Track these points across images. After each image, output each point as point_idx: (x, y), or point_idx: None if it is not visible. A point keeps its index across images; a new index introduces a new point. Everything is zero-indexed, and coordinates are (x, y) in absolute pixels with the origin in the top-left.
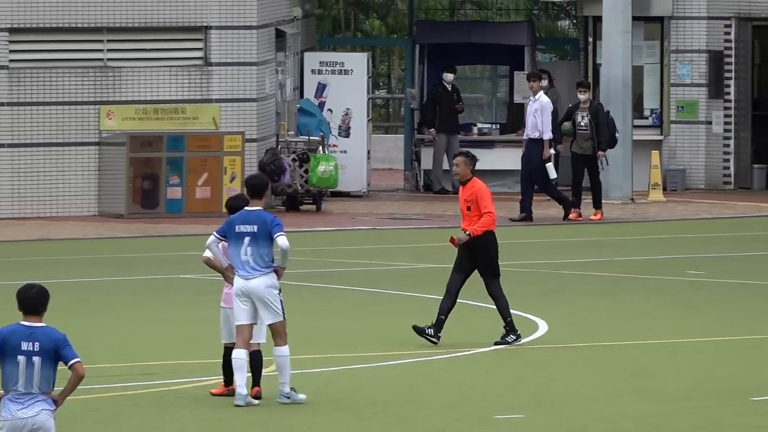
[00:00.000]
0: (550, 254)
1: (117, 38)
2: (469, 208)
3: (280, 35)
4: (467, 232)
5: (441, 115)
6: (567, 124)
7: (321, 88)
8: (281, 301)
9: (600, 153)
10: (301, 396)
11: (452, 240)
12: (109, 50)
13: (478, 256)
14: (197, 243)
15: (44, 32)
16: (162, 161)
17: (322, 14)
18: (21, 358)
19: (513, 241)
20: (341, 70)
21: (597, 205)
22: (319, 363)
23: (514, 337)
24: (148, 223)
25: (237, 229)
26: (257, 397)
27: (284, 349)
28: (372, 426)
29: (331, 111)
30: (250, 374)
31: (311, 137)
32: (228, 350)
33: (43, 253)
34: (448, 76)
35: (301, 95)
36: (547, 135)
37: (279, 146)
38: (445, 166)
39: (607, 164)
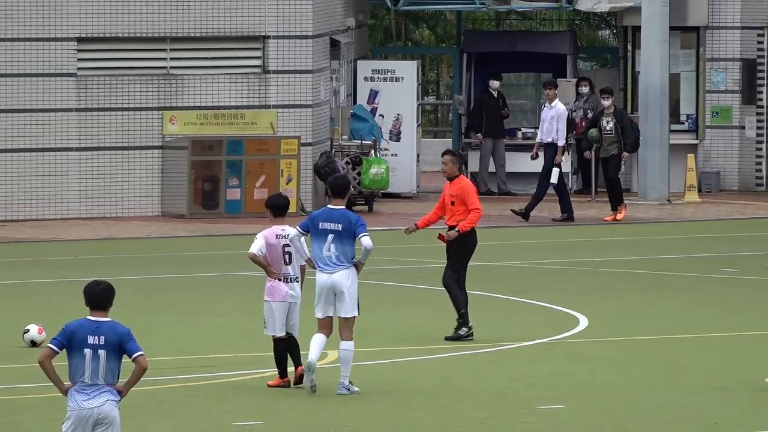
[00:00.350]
0: (589, 253)
1: (179, 47)
2: (453, 203)
3: (334, 44)
4: (456, 228)
5: (487, 120)
6: (593, 131)
7: (373, 95)
8: (358, 297)
9: (625, 154)
10: (356, 389)
11: (441, 237)
12: (172, 59)
13: (451, 244)
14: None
15: (110, 42)
16: (222, 164)
17: (374, 24)
18: (87, 351)
19: (555, 240)
20: (392, 77)
21: (615, 205)
22: (371, 356)
23: (466, 330)
24: (209, 223)
25: (320, 226)
26: (301, 376)
27: (350, 344)
28: (420, 416)
29: (383, 116)
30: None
31: (364, 141)
32: (277, 343)
33: (108, 252)
34: (495, 83)
35: (354, 101)
36: (561, 142)
37: (333, 150)
38: (491, 169)
39: (631, 165)
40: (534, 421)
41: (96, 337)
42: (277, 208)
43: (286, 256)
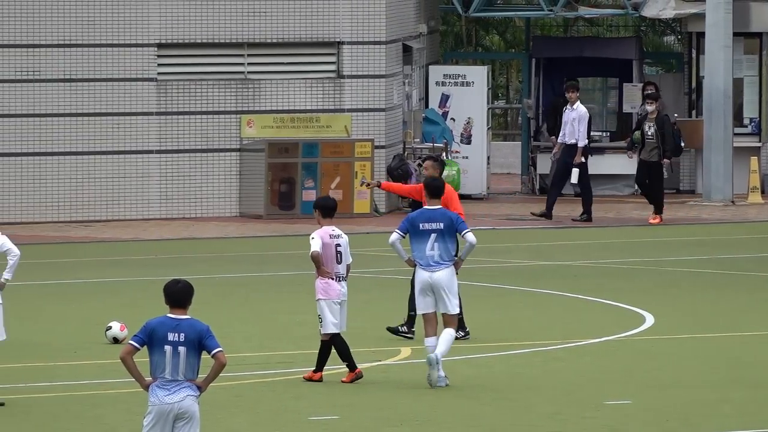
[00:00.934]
0: (654, 252)
1: (257, 53)
2: None
3: (407, 50)
4: None
5: (561, 123)
6: (636, 134)
7: (444, 99)
8: (459, 294)
9: (665, 161)
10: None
11: None
12: (249, 64)
13: None
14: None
15: (190, 47)
16: (298, 166)
17: (445, 30)
18: (168, 348)
19: (621, 240)
20: (463, 82)
21: (658, 209)
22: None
23: (460, 333)
24: (285, 223)
25: (421, 227)
26: (357, 378)
27: (452, 330)
28: (490, 411)
29: (454, 120)
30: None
31: (435, 144)
32: (335, 338)
33: (188, 251)
34: None
35: (426, 105)
36: (582, 143)
37: (405, 152)
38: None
39: (672, 171)
40: (601, 416)
41: (176, 334)
42: (326, 209)
43: (338, 255)
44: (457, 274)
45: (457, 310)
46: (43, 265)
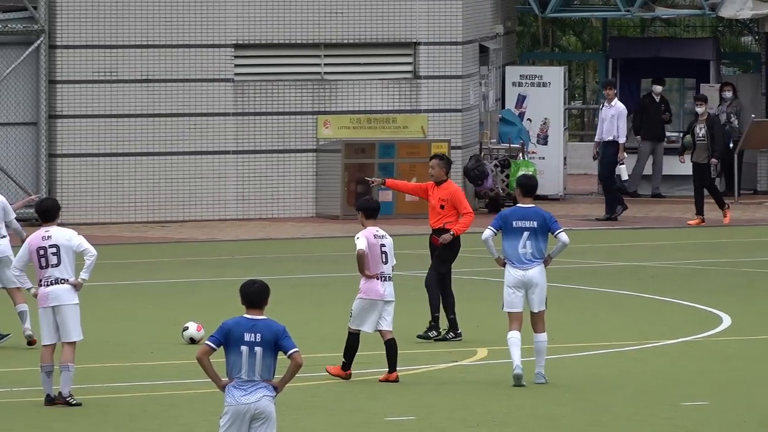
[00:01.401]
0: (731, 253)
1: (333, 53)
2: (442, 207)
3: (483, 50)
4: (451, 232)
5: (647, 123)
6: (687, 137)
7: (521, 99)
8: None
9: (713, 160)
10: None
11: (434, 239)
12: (326, 64)
13: (436, 248)
14: (406, 242)
15: (266, 48)
16: (374, 167)
17: (522, 31)
18: (244, 349)
19: (697, 241)
20: (540, 82)
21: (721, 206)
22: (522, 354)
23: (435, 334)
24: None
25: (514, 225)
26: (395, 380)
27: (544, 335)
28: (567, 412)
29: (531, 120)
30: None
31: (512, 145)
32: (353, 336)
33: (264, 252)
34: (657, 88)
35: (503, 106)
36: (622, 139)
37: (482, 153)
38: (647, 171)
39: (718, 171)
40: (678, 416)
41: (252, 335)
42: (370, 210)
43: (383, 256)
44: None
45: (545, 307)
46: (120, 266)
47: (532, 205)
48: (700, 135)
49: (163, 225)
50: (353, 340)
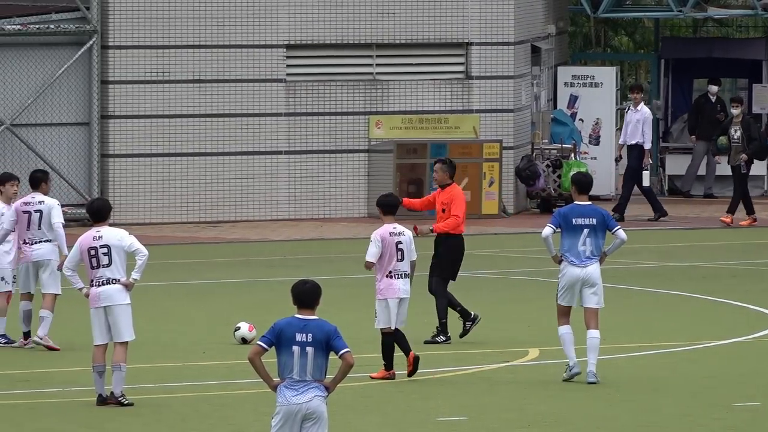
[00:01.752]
0: None
1: (385, 54)
2: (444, 211)
3: (535, 50)
4: (430, 227)
5: (702, 123)
6: (722, 139)
7: (573, 100)
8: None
9: (743, 156)
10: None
11: (415, 228)
12: (377, 65)
13: (439, 254)
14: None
15: (318, 48)
16: (426, 167)
17: (574, 31)
18: (295, 349)
19: (749, 242)
20: (592, 83)
21: (731, 210)
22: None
23: (444, 338)
24: (428, 223)
25: (574, 222)
26: (415, 359)
27: (597, 333)
28: (618, 412)
29: (582, 121)
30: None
31: (564, 145)
32: (387, 336)
33: (316, 252)
34: (713, 88)
35: (555, 106)
36: (648, 145)
37: (534, 153)
38: (701, 171)
39: (745, 169)
40: (730, 417)
41: (304, 335)
42: (388, 206)
43: (399, 253)
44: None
45: (602, 305)
46: (172, 266)
47: (589, 203)
48: (735, 137)
49: (215, 225)
50: (388, 339)
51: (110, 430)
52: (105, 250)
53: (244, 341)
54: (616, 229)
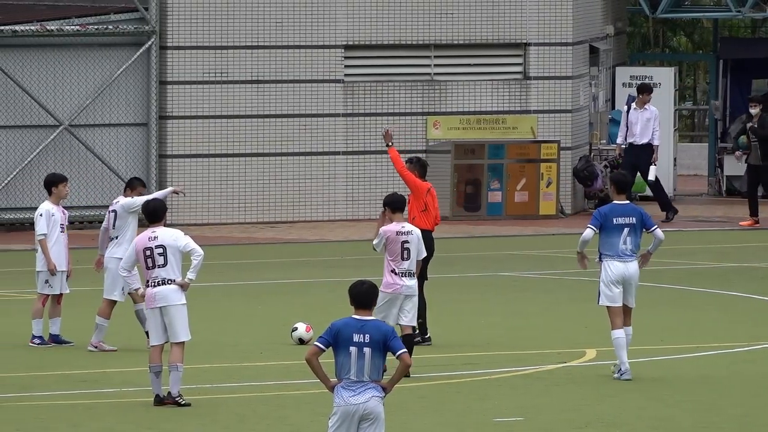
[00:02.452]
0: None
1: (443, 54)
2: (423, 211)
3: (593, 51)
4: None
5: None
6: (743, 138)
7: (631, 100)
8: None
9: (737, 153)
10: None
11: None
12: (435, 65)
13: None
14: (516, 243)
15: (376, 49)
16: (484, 167)
17: (632, 32)
18: (353, 349)
19: None
20: (650, 83)
21: (753, 212)
22: (632, 355)
23: (420, 339)
24: (471, 224)
25: (614, 221)
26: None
27: (630, 329)
28: (676, 413)
29: None
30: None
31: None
32: None
33: (374, 252)
34: None
35: (613, 106)
36: (657, 142)
37: (592, 154)
38: None
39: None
40: None
41: (361, 335)
42: (395, 204)
43: (405, 252)
44: (641, 267)
45: (634, 302)
46: (230, 266)
47: (628, 202)
48: (753, 136)
49: (273, 226)
50: None
51: (167, 431)
52: (160, 250)
53: (301, 342)
54: (653, 228)
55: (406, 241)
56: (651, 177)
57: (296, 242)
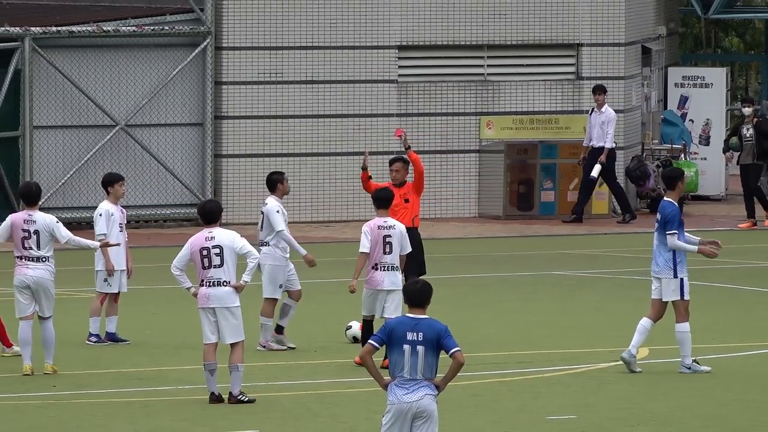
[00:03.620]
0: None
1: (496, 54)
2: (407, 201)
3: (645, 51)
4: (408, 145)
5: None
6: (734, 139)
7: (683, 100)
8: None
9: (727, 155)
10: (704, 368)
11: (398, 132)
12: (489, 65)
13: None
14: (569, 243)
15: (430, 49)
16: (536, 167)
17: (685, 32)
18: (406, 347)
19: None
20: (702, 83)
21: (750, 214)
22: (678, 353)
23: None
24: (523, 224)
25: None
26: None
27: (685, 326)
28: (729, 411)
29: (693, 121)
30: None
31: (674, 145)
32: (366, 322)
33: (427, 251)
34: None
35: (665, 107)
36: (609, 144)
37: (644, 153)
38: None
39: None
40: None
41: (415, 334)
42: (380, 200)
43: (387, 246)
44: None
45: (681, 296)
46: None
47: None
48: (747, 135)
49: (327, 225)
50: (366, 326)
51: (223, 428)
52: (217, 250)
53: (355, 340)
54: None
55: (388, 236)
56: (594, 174)
57: (351, 241)
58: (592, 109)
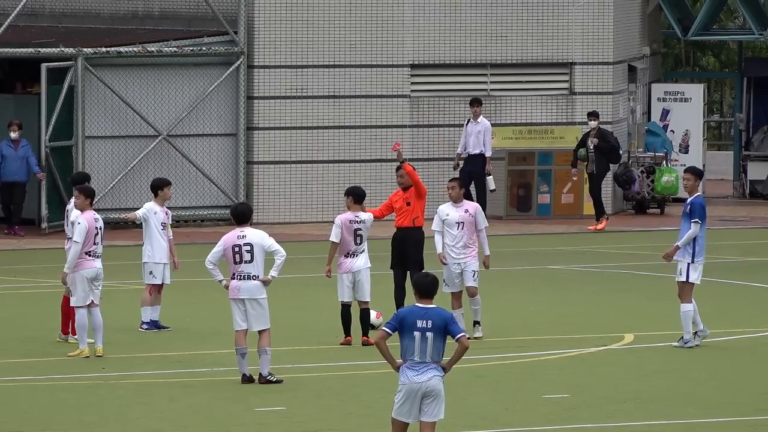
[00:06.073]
0: None
1: (498, 72)
2: (408, 203)
3: (632, 69)
4: (403, 158)
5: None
6: (582, 151)
7: (665, 113)
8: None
9: (574, 170)
10: (695, 342)
11: (396, 146)
12: (491, 82)
13: (407, 250)
14: (563, 240)
15: (439, 67)
16: (534, 173)
17: (666, 52)
18: (416, 334)
19: None
20: (682, 98)
21: (599, 216)
22: (665, 339)
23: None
24: (522, 223)
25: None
26: (365, 343)
27: (687, 305)
28: (704, 390)
29: (673, 132)
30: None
31: (656, 153)
32: (344, 308)
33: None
34: None
35: (649, 119)
36: (488, 153)
37: (630, 160)
38: None
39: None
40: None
41: (424, 321)
42: (357, 195)
43: (357, 238)
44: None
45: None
46: (309, 260)
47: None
48: (591, 148)
49: None
50: (344, 311)
51: (254, 405)
52: (248, 248)
53: (372, 327)
54: (694, 220)
55: (359, 229)
56: (491, 187)
57: (369, 239)
58: (468, 120)
